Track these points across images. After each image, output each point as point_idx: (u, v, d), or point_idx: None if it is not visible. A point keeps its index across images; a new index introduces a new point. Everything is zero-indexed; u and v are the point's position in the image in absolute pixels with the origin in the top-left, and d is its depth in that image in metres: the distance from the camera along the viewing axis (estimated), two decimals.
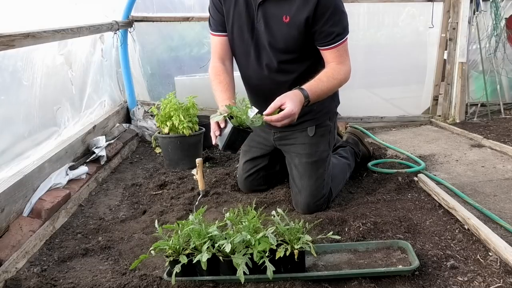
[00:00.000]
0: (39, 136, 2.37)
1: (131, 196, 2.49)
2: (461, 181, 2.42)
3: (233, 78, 2.02)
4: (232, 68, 2.06)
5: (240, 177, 2.36)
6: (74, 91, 2.84)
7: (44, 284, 1.60)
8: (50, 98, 2.54)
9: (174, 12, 3.69)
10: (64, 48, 2.70)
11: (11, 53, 2.11)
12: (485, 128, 3.48)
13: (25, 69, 2.26)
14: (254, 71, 2.03)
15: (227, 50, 2.04)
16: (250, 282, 1.50)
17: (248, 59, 2.00)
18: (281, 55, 1.93)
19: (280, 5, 1.84)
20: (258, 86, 2.07)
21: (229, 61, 2.06)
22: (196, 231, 1.54)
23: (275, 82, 1.99)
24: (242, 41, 1.97)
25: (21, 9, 2.27)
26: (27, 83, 2.28)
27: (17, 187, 1.96)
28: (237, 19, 1.92)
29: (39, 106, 2.39)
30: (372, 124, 3.76)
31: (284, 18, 1.84)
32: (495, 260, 1.59)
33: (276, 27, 1.87)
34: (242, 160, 2.35)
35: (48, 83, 2.49)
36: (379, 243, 1.70)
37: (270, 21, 1.87)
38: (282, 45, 1.91)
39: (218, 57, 2.04)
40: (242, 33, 1.94)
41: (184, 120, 2.77)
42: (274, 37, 1.89)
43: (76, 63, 2.89)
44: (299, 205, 2.08)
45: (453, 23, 3.61)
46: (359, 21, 3.72)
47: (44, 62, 2.45)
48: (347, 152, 2.48)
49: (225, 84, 1.94)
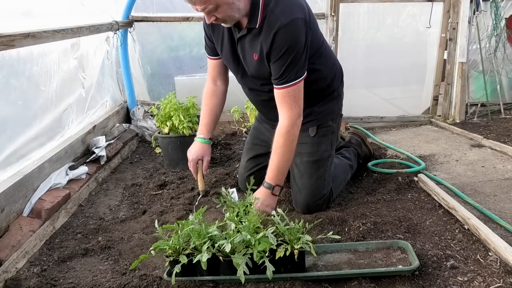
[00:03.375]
0: (44, 138, 2.39)
1: (131, 196, 2.49)
2: (461, 181, 2.42)
3: (221, 98, 2.22)
4: (224, 85, 2.24)
5: (241, 176, 2.36)
6: (84, 94, 2.89)
7: (44, 284, 1.60)
8: (62, 101, 2.59)
9: (174, 12, 3.69)
10: (77, 51, 2.74)
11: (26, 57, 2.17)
12: (485, 128, 3.48)
13: (41, 74, 2.33)
14: (246, 90, 2.20)
15: (219, 71, 2.20)
16: (250, 282, 1.50)
17: (240, 80, 2.16)
18: (263, 81, 2.00)
19: (252, 42, 1.88)
20: (253, 101, 2.27)
21: (221, 80, 2.22)
22: (196, 231, 1.54)
23: (265, 97, 2.08)
24: (230, 68, 2.12)
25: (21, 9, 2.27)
26: (44, 88, 2.36)
27: (17, 187, 1.96)
28: (224, 51, 2.02)
29: (52, 109, 2.44)
30: (372, 124, 3.76)
31: (254, 56, 1.89)
32: (495, 260, 1.59)
33: (250, 62, 1.94)
34: (245, 158, 2.36)
35: (63, 87, 2.55)
36: (379, 243, 1.70)
37: (246, 56, 1.94)
38: (260, 77, 1.97)
39: (211, 77, 2.22)
40: (229, 62, 2.07)
41: (184, 120, 2.77)
42: (250, 70, 1.98)
43: (88, 66, 2.92)
44: (299, 204, 2.07)
45: (453, 23, 3.61)
46: (359, 21, 3.72)
47: (60, 66, 2.52)
48: (350, 153, 2.48)
49: (208, 109, 2.20)
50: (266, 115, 2.27)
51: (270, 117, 2.20)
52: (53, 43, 2.41)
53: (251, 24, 1.83)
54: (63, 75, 2.56)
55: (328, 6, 3.55)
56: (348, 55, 3.66)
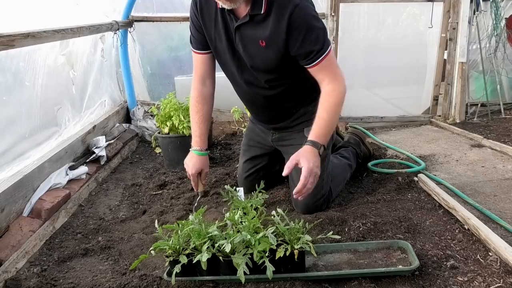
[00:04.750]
0: (40, 137, 2.37)
1: (131, 196, 2.49)
2: (461, 181, 2.42)
3: (211, 102, 2.09)
4: (213, 84, 2.09)
5: (240, 176, 2.36)
6: (74, 91, 2.84)
7: (44, 284, 1.60)
8: (51, 98, 2.54)
9: (174, 12, 3.69)
10: (65, 48, 2.70)
11: (13, 53, 2.11)
12: (485, 128, 3.48)
13: (27, 70, 2.27)
14: (241, 88, 2.06)
15: (208, 67, 2.05)
16: (250, 282, 1.49)
17: (234, 77, 2.03)
18: (264, 75, 1.93)
19: (255, 29, 1.80)
20: (247, 100, 2.15)
21: (210, 79, 2.07)
22: (196, 231, 1.54)
23: (262, 96, 2.01)
24: (225, 61, 1.98)
25: (21, 9, 2.27)
26: (29, 84, 2.29)
27: (17, 187, 1.96)
28: (218, 41, 1.91)
29: (40, 106, 2.39)
30: (372, 124, 3.76)
31: (260, 43, 1.81)
32: (495, 260, 1.59)
33: (254, 51, 1.85)
34: (242, 159, 2.35)
35: (50, 83, 2.49)
36: (379, 243, 1.69)
37: (248, 45, 1.85)
38: (263, 67, 1.90)
39: (200, 76, 2.05)
40: (224, 54, 1.94)
41: (184, 120, 2.77)
42: (254, 60, 1.88)
43: (78, 64, 2.89)
44: (299, 205, 2.07)
45: (453, 23, 3.61)
46: (359, 21, 3.72)
47: (46, 62, 2.46)
48: (348, 153, 2.48)
49: (201, 116, 2.04)
50: (259, 117, 2.21)
51: (263, 118, 2.18)
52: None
53: (254, 10, 1.75)
54: (49, 71, 2.50)
55: (328, 6, 3.55)
56: (348, 55, 3.66)
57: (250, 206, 1.78)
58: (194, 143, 2.06)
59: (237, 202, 1.83)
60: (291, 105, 2.08)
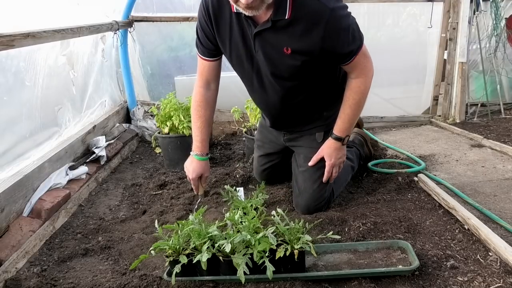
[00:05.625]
0: (40, 137, 2.38)
1: (131, 196, 2.49)
2: (461, 181, 2.42)
3: (213, 106, 2.05)
4: (217, 89, 2.05)
5: (256, 169, 2.40)
6: (75, 91, 2.84)
7: (44, 284, 1.61)
8: (51, 98, 2.54)
9: (174, 12, 3.69)
10: (66, 48, 2.70)
11: (13, 53, 2.11)
12: (485, 128, 3.48)
13: (27, 70, 2.27)
14: (259, 96, 2.02)
15: (215, 72, 1.99)
16: (250, 282, 1.49)
17: (252, 85, 1.98)
18: (285, 82, 1.87)
19: (279, 36, 1.71)
20: (265, 107, 2.11)
21: (215, 83, 2.02)
22: (196, 231, 1.54)
23: (281, 104, 1.97)
24: (243, 69, 1.92)
25: (21, 9, 2.27)
26: (29, 84, 2.29)
27: (17, 187, 1.96)
28: (234, 49, 1.83)
29: (41, 106, 2.39)
30: (372, 124, 3.76)
31: (285, 50, 1.73)
32: (495, 260, 1.59)
33: (277, 58, 1.77)
34: (257, 153, 2.37)
35: (50, 84, 2.49)
36: (379, 243, 1.70)
37: (270, 52, 1.77)
38: (286, 75, 1.84)
39: (205, 79, 1.99)
40: (241, 62, 1.88)
41: (184, 120, 2.77)
42: (276, 67, 1.81)
43: (78, 64, 2.89)
44: (299, 206, 2.07)
45: (453, 23, 3.61)
46: (359, 21, 3.63)
47: (47, 62, 2.46)
48: (352, 154, 2.44)
49: (204, 121, 2.01)
50: (274, 123, 2.14)
51: (278, 124, 2.14)
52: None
53: (277, 15, 1.66)
54: (50, 71, 2.50)
55: None
56: None
57: (250, 206, 1.79)
58: (195, 147, 2.03)
59: (237, 202, 1.84)
60: (307, 113, 2.06)
